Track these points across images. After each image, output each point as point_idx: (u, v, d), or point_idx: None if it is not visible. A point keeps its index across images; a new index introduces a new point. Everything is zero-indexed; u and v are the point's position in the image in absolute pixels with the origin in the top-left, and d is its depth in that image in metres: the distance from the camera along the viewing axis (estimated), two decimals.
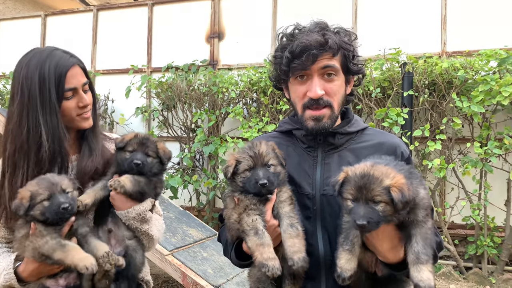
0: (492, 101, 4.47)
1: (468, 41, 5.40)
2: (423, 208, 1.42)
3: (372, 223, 1.33)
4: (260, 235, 1.50)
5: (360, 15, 5.98)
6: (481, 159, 4.74)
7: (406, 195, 1.33)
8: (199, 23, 6.79)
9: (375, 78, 5.12)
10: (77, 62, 1.80)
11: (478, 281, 4.81)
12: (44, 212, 1.57)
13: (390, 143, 1.74)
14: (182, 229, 4.38)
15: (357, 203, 1.37)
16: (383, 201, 1.35)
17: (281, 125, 1.90)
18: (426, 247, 1.40)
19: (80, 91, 1.78)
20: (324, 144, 1.74)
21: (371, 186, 1.35)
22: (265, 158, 1.60)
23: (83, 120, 1.82)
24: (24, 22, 7.88)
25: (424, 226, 1.42)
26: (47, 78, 1.69)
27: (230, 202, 1.65)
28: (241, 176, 1.61)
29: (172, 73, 6.49)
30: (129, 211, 1.74)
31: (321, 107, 1.65)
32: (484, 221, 4.94)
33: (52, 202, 1.57)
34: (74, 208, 1.61)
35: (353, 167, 1.44)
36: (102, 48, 7.35)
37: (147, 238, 1.83)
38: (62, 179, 1.64)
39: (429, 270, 1.37)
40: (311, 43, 1.60)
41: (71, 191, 1.65)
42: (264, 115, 5.63)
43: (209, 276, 3.68)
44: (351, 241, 1.47)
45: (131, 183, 1.70)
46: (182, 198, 6.31)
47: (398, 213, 1.36)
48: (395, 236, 1.46)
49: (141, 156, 1.74)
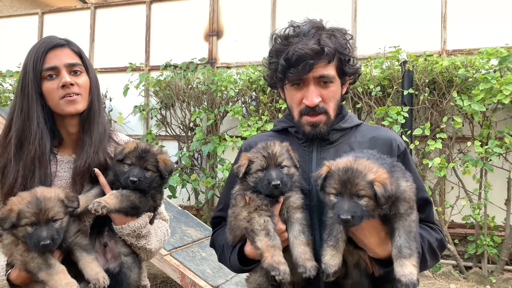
0: (492, 99, 4.45)
1: (469, 39, 5.38)
2: (405, 200, 1.40)
3: (356, 218, 1.32)
4: (272, 236, 1.48)
5: (359, 13, 5.94)
6: (481, 158, 4.72)
7: (388, 189, 1.32)
8: (197, 21, 6.74)
9: (375, 77, 5.09)
10: (66, 43, 1.74)
11: (478, 281, 4.79)
12: (25, 238, 1.46)
13: (385, 137, 1.73)
14: (181, 228, 4.35)
15: (341, 197, 1.36)
16: (367, 196, 1.34)
17: (277, 124, 1.89)
18: (410, 240, 1.37)
19: (63, 71, 1.68)
20: (320, 140, 1.74)
21: (355, 180, 1.34)
22: (279, 158, 1.55)
23: (68, 104, 1.69)
24: (21, 19, 7.82)
25: (407, 219, 1.40)
26: (29, 60, 1.66)
27: (241, 200, 1.61)
28: (253, 176, 1.57)
29: (171, 72, 6.45)
30: (123, 227, 1.66)
31: (317, 113, 1.66)
32: (484, 220, 4.92)
33: (35, 232, 1.44)
34: (56, 243, 1.47)
35: (335, 161, 1.43)
36: (99, 46, 7.30)
37: (144, 252, 1.76)
38: (53, 204, 1.49)
39: (413, 264, 1.35)
40: (307, 52, 1.57)
41: (61, 218, 1.50)
42: (263, 113, 5.59)
43: (208, 276, 3.65)
44: (335, 237, 1.45)
45: (116, 200, 1.61)
46: (181, 197, 6.27)
47: (381, 208, 1.35)
48: (381, 230, 1.45)
49: (138, 172, 1.64)
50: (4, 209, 1.48)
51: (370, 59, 5.18)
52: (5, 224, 1.46)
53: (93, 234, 1.73)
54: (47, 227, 1.46)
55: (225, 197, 1.86)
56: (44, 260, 1.47)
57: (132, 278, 1.72)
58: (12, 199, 1.51)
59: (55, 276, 1.46)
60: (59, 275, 1.47)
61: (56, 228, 1.48)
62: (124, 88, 6.58)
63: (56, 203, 1.50)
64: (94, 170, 1.72)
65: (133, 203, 1.65)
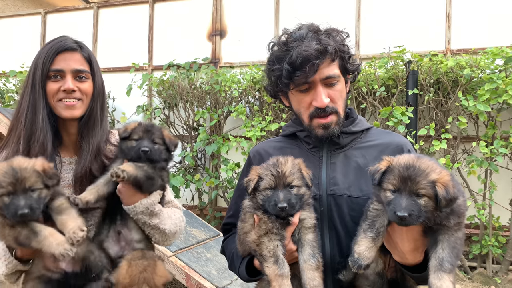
0: (498, 99, 4.43)
1: (473, 39, 5.35)
2: (457, 215, 1.36)
3: (413, 216, 1.28)
4: (281, 264, 1.46)
5: (363, 13, 5.91)
6: (486, 158, 4.70)
7: (450, 192, 1.27)
8: (200, 21, 6.72)
9: (379, 77, 5.07)
10: (78, 49, 1.76)
11: (483, 281, 4.78)
12: (3, 209, 1.42)
13: (396, 143, 1.73)
14: (185, 229, 4.35)
15: (399, 194, 1.31)
16: (427, 195, 1.29)
17: (285, 129, 1.88)
18: (452, 256, 1.33)
19: (68, 75, 1.72)
20: (329, 144, 1.73)
21: (417, 178, 1.29)
22: (288, 178, 1.51)
23: (65, 108, 1.73)
24: (23, 19, 7.81)
25: (454, 234, 1.36)
26: (40, 58, 1.71)
27: (250, 218, 1.59)
28: (261, 193, 1.55)
29: (174, 71, 6.44)
30: (136, 206, 1.67)
31: (327, 114, 1.65)
32: (489, 221, 4.91)
33: (11, 202, 1.40)
34: (36, 212, 1.43)
35: (396, 157, 1.39)
36: (103, 46, 7.29)
37: (158, 232, 1.76)
38: (29, 173, 1.44)
39: (450, 280, 1.30)
40: (311, 52, 1.57)
41: (39, 188, 1.46)
42: (267, 113, 5.58)
43: (213, 278, 3.65)
44: (377, 230, 1.41)
45: (133, 168, 1.63)
46: (184, 197, 6.27)
47: (440, 210, 1.30)
48: (419, 237, 1.41)
49: (148, 143, 1.68)
50: None
51: (374, 59, 5.16)
52: None
53: (105, 223, 1.75)
54: (24, 196, 1.42)
55: (235, 204, 1.86)
56: (30, 229, 1.43)
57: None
58: None
59: (45, 242, 1.43)
60: (48, 238, 1.43)
61: (34, 198, 1.44)
62: (127, 88, 6.57)
63: (33, 173, 1.46)
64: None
65: (148, 173, 1.67)
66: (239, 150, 5.65)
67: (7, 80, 7.20)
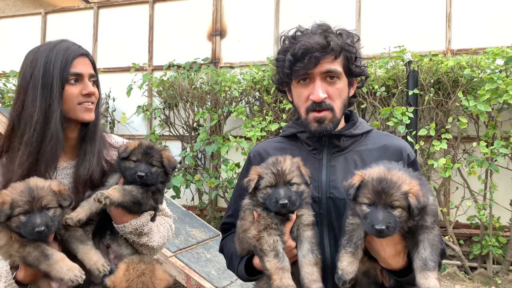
0: (498, 100, 4.42)
1: (474, 39, 5.34)
2: (431, 214, 1.42)
3: (390, 228, 1.32)
4: (281, 258, 1.47)
5: (363, 13, 5.91)
6: (486, 158, 4.69)
7: (421, 201, 1.33)
8: (200, 21, 6.72)
9: (379, 77, 5.07)
10: (87, 54, 1.79)
11: (483, 281, 4.78)
12: (19, 227, 1.45)
13: (395, 146, 1.73)
14: (185, 229, 4.35)
15: (375, 207, 1.35)
16: (401, 207, 1.34)
17: (285, 129, 1.89)
18: (434, 253, 1.38)
19: (86, 79, 1.75)
20: (330, 147, 1.73)
21: (390, 191, 1.33)
22: (288, 176, 1.54)
23: (85, 111, 1.75)
24: (24, 19, 7.82)
25: (432, 232, 1.41)
26: (53, 61, 1.68)
27: (249, 215, 1.60)
28: (262, 192, 1.56)
29: (174, 71, 6.43)
30: (126, 226, 1.69)
31: (323, 109, 1.65)
32: (489, 221, 4.90)
33: (29, 220, 1.44)
34: (51, 230, 1.48)
35: (367, 170, 1.42)
36: (103, 46, 7.29)
37: (146, 248, 1.80)
38: (45, 192, 1.49)
39: (436, 277, 1.36)
40: (313, 45, 1.59)
41: (54, 207, 1.51)
42: (267, 114, 5.57)
43: (213, 278, 3.64)
44: (354, 244, 1.45)
45: (119, 194, 1.63)
46: (184, 197, 6.27)
47: (413, 219, 1.35)
48: (399, 242, 1.45)
49: (145, 167, 1.68)
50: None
51: (374, 59, 5.16)
52: (1, 216, 1.45)
53: (95, 237, 1.76)
54: (40, 214, 1.46)
55: (234, 203, 1.86)
56: (41, 252, 1.47)
57: None
58: (2, 192, 1.50)
59: (55, 265, 1.47)
60: (59, 263, 1.47)
61: (50, 216, 1.48)
62: (127, 88, 6.57)
63: (49, 192, 1.50)
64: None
65: (136, 198, 1.67)
66: (239, 150, 5.64)
67: (7, 80, 7.19)
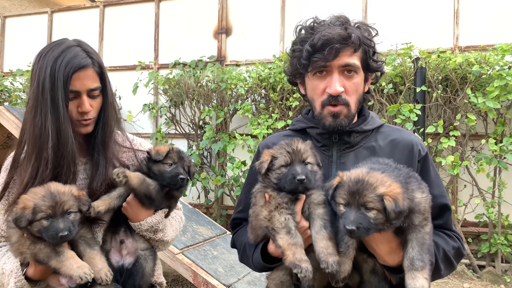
0: (507, 96, 4.38)
1: (482, 36, 5.29)
2: (420, 212, 1.37)
3: (362, 229, 1.30)
4: (293, 234, 1.45)
5: (370, 9, 5.87)
6: (495, 155, 4.65)
7: (400, 205, 1.29)
8: (206, 19, 6.72)
9: (387, 74, 5.03)
10: (91, 64, 1.70)
11: (492, 280, 4.74)
12: (41, 232, 1.47)
13: (406, 141, 1.69)
14: (192, 227, 4.35)
15: (349, 208, 1.35)
16: (375, 209, 1.31)
17: (295, 123, 1.85)
18: (423, 253, 1.36)
19: (84, 96, 1.68)
20: (340, 143, 1.70)
21: (364, 192, 1.32)
22: (303, 155, 1.53)
23: (81, 126, 1.74)
24: (30, 18, 7.86)
25: (421, 231, 1.38)
26: (57, 75, 1.63)
27: (261, 198, 1.58)
28: (276, 172, 1.54)
29: (180, 70, 6.44)
30: (142, 224, 1.71)
31: (339, 104, 1.62)
32: (498, 219, 4.85)
33: (51, 225, 1.46)
34: (73, 234, 1.49)
35: (349, 172, 1.41)
36: (108, 44, 7.31)
37: (162, 244, 1.83)
38: (67, 197, 1.51)
39: (424, 277, 1.33)
40: (334, 36, 1.55)
41: (75, 211, 1.53)
42: (273, 111, 5.56)
43: (220, 275, 3.64)
44: (345, 243, 1.45)
45: (137, 180, 1.64)
46: (191, 195, 6.28)
47: (391, 223, 1.32)
48: (392, 240, 1.42)
49: (183, 170, 1.72)
50: (17, 208, 1.48)
51: (382, 56, 5.11)
52: (21, 223, 1.46)
53: (108, 233, 1.77)
54: (63, 219, 1.48)
55: (244, 198, 1.83)
56: (53, 248, 1.49)
57: (148, 269, 1.77)
58: (23, 197, 1.51)
59: (66, 262, 1.48)
60: (69, 260, 1.49)
61: (71, 220, 1.50)
62: (133, 86, 6.58)
63: (70, 197, 1.52)
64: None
65: (150, 192, 1.68)
66: (245, 148, 5.63)
67: (14, 79, 7.24)
